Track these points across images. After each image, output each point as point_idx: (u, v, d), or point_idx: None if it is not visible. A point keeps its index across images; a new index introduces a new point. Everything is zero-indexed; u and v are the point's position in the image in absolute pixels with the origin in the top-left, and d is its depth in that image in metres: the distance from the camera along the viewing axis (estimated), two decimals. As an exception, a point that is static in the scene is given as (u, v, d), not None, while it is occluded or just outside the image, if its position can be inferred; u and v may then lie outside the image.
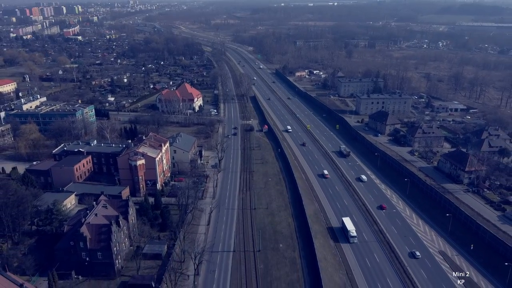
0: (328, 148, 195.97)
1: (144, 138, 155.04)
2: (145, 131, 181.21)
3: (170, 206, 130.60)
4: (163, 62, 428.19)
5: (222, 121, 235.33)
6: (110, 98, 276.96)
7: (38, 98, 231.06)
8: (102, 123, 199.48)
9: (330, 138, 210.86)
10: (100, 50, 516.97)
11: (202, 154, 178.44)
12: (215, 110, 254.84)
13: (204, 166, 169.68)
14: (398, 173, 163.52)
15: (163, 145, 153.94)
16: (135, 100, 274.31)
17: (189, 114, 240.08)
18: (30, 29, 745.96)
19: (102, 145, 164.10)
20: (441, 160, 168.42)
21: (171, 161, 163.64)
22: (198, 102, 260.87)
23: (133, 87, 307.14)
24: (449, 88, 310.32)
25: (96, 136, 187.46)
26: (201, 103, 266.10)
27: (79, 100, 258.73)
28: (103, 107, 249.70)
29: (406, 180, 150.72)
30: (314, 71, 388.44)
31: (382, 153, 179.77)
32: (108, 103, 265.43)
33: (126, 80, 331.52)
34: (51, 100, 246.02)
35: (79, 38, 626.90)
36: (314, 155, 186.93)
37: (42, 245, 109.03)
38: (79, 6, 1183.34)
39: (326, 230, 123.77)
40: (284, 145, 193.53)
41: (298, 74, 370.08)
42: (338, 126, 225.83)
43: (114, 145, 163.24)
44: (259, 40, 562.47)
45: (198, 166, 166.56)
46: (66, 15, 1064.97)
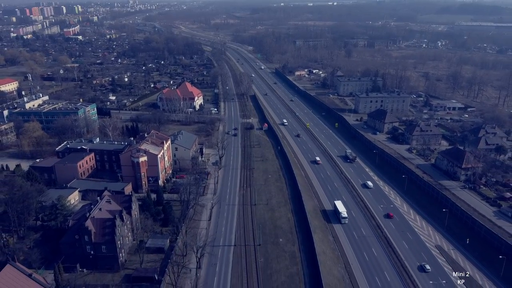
0: (327, 145, 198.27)
1: (146, 135, 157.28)
2: (146, 129, 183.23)
3: (172, 202, 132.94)
4: (164, 62, 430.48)
5: (223, 119, 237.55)
6: (111, 97, 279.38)
7: (40, 97, 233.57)
8: (104, 121, 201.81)
9: (329, 136, 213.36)
10: (100, 50, 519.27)
11: (203, 151, 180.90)
12: (216, 109, 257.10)
13: (205, 163, 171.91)
14: (396, 170, 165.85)
15: (165, 142, 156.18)
16: (136, 99, 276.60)
17: (189, 113, 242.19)
18: (30, 29, 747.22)
19: (104, 142, 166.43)
20: (438, 157, 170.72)
21: (173, 158, 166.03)
22: (198, 101, 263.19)
23: (134, 86, 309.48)
24: (447, 87, 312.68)
25: (98, 134, 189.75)
26: (201, 102, 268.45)
27: (81, 99, 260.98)
28: (105, 106, 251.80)
29: (403, 177, 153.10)
30: (314, 71, 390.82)
31: (381, 150, 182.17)
32: (109, 102, 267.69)
33: (127, 79, 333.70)
34: (53, 99, 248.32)
35: (80, 37, 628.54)
36: (313, 152, 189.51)
37: (47, 239, 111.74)
38: (79, 6, 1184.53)
39: (325, 226, 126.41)
40: (283, 143, 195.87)
41: (297, 73, 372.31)
42: (337, 125, 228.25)
43: (116, 142, 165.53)
44: (259, 39, 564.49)
45: (199, 163, 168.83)
46: (66, 15, 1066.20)
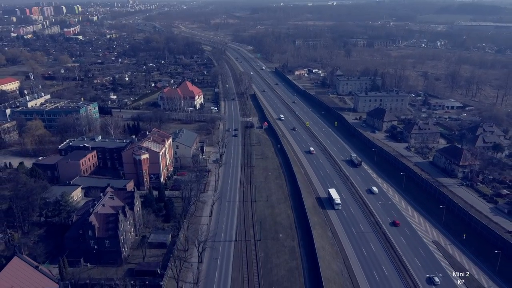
0: (326, 144, 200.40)
1: (147, 133, 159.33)
2: (147, 128, 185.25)
3: (174, 199, 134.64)
4: (164, 61, 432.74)
5: (223, 118, 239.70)
6: (112, 96, 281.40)
7: (42, 96, 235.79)
8: (106, 120, 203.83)
9: (328, 135, 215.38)
10: (101, 50, 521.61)
11: (204, 149, 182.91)
12: (216, 108, 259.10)
13: (205, 161, 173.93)
14: (394, 167, 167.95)
15: (166, 140, 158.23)
16: (137, 98, 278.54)
17: (190, 112, 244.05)
18: (30, 28, 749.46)
19: (106, 140, 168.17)
20: (436, 155, 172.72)
21: (174, 156, 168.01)
22: (199, 100, 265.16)
23: (134, 86, 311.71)
24: (446, 86, 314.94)
25: (100, 132, 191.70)
26: (202, 101, 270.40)
27: (82, 98, 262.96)
28: (106, 105, 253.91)
29: (402, 174, 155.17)
30: (313, 70, 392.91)
31: (379, 148, 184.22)
32: (110, 101, 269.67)
33: (127, 78, 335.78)
34: (55, 98, 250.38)
35: (80, 37, 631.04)
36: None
37: (51, 235, 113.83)
38: (79, 6, 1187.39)
39: (324, 221, 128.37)
40: (283, 141, 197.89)
41: (297, 72, 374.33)
42: (336, 123, 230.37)
43: (118, 140, 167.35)
44: (259, 39, 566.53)
45: (200, 161, 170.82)
46: (66, 15, 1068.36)
